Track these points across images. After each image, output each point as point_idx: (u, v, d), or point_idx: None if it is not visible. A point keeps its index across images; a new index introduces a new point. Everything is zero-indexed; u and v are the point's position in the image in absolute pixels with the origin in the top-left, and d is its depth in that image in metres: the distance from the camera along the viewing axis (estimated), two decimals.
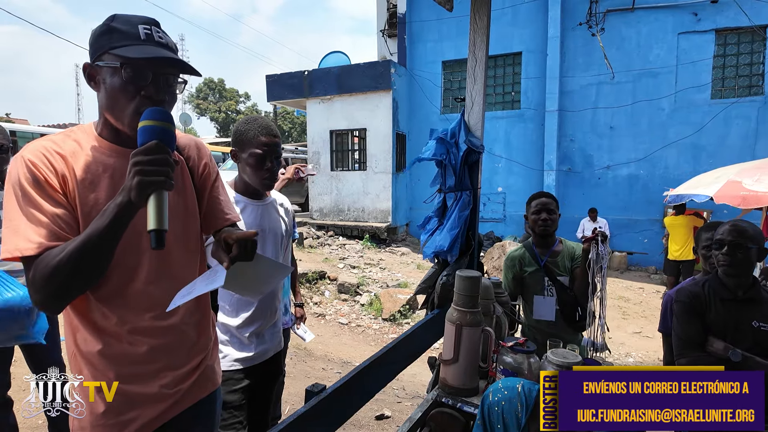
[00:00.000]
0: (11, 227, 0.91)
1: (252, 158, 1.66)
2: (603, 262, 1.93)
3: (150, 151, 0.85)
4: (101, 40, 0.97)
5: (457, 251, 2.23)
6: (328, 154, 10.85)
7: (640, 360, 4.92)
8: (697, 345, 1.75)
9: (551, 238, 2.31)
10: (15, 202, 0.92)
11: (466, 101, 2.29)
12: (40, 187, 0.92)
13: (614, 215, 9.25)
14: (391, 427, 3.19)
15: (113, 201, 0.88)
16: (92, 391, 1.05)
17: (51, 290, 0.89)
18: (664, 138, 9.12)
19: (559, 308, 2.24)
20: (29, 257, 0.89)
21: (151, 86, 0.97)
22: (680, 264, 6.82)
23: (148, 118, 0.89)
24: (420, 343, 1.95)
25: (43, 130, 12.93)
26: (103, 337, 1.02)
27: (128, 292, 1.03)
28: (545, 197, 2.32)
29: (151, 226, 0.86)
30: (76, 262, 0.87)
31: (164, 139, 0.89)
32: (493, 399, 1.28)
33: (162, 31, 1.01)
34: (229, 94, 40.86)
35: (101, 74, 0.97)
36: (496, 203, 10.59)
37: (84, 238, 0.88)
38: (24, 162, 0.93)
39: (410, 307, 5.90)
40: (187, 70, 1.02)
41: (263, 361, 1.75)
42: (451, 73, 10.97)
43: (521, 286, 2.37)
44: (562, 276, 2.26)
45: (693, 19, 8.77)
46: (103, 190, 0.99)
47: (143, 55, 0.93)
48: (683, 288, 1.88)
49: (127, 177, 0.86)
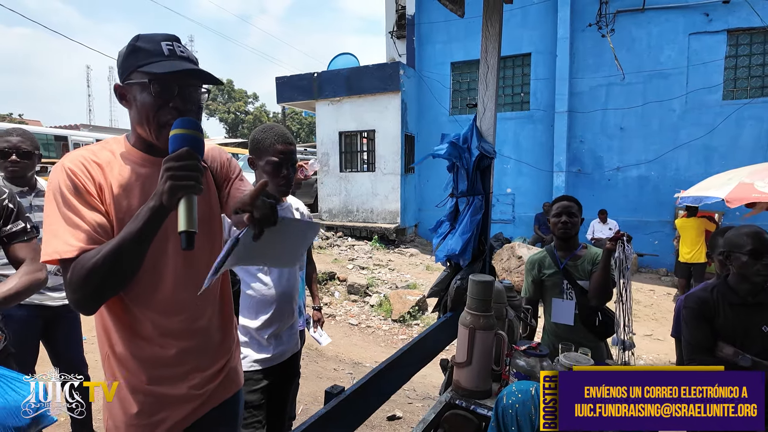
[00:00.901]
0: (51, 231, 0.96)
1: (269, 165, 1.71)
2: (627, 263, 1.90)
3: (181, 158, 0.90)
4: (129, 61, 1.02)
5: (469, 255, 2.26)
6: (337, 155, 10.90)
7: (651, 363, 4.91)
8: (706, 350, 1.76)
9: (572, 241, 2.30)
10: (55, 207, 0.97)
11: (478, 107, 2.32)
12: (78, 193, 0.98)
13: (624, 217, 9.19)
14: (403, 427, 3.22)
15: (146, 205, 0.93)
16: (92, 391, 1.12)
17: (87, 291, 0.94)
18: (675, 139, 9.05)
19: (578, 312, 2.23)
20: (67, 259, 0.94)
21: (178, 98, 1.02)
22: (691, 266, 6.78)
23: (179, 127, 0.95)
24: (433, 346, 1.98)
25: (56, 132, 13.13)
26: (134, 340, 1.07)
27: (157, 296, 1.08)
28: (567, 200, 2.31)
29: (181, 227, 0.90)
30: (110, 264, 0.92)
31: (194, 146, 0.94)
32: (507, 402, 1.31)
33: (182, 45, 1.07)
34: (237, 95, 41.13)
35: (131, 92, 1.03)
36: (505, 204, 10.57)
37: (118, 240, 0.92)
38: (64, 170, 0.99)
39: (420, 309, 5.92)
40: (209, 80, 1.07)
41: (281, 362, 1.80)
42: (460, 74, 10.97)
43: (541, 290, 2.38)
44: (582, 280, 2.25)
45: (704, 20, 8.69)
46: (136, 197, 1.04)
47: (168, 70, 0.99)
48: (692, 293, 1.89)
49: (159, 182, 0.90)
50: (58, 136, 12.67)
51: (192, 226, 0.90)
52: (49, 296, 2.30)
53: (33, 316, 2.25)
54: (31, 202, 2.25)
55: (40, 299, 2.27)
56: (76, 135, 13.77)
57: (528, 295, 2.43)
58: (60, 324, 2.39)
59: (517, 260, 7.03)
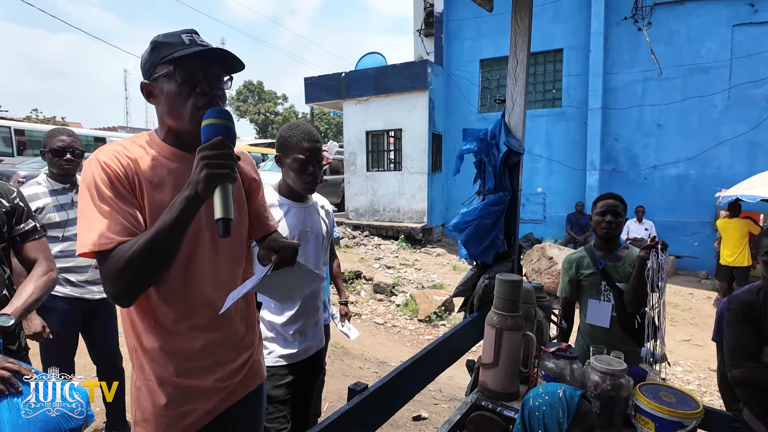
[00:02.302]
0: (86, 224, 0.98)
1: (295, 163, 1.73)
2: (662, 273, 1.81)
3: (215, 146, 0.90)
4: (151, 58, 1.04)
5: (481, 247, 2.19)
6: (364, 154, 10.94)
7: (689, 369, 4.70)
8: (750, 355, 1.66)
9: (614, 241, 2.21)
10: (90, 200, 0.99)
11: (507, 102, 2.26)
12: (113, 186, 0.99)
13: (661, 217, 8.85)
14: (428, 428, 3.20)
15: (180, 195, 0.93)
16: (92, 391, 1.18)
17: (124, 283, 0.95)
18: (716, 136, 8.64)
19: (617, 315, 2.15)
20: (104, 252, 0.95)
21: (204, 82, 1.03)
22: (733, 270, 6.45)
23: (211, 116, 0.95)
24: (459, 346, 1.95)
25: (96, 133, 13.73)
26: (162, 333, 1.09)
27: (184, 290, 1.10)
28: (613, 199, 2.21)
29: (218, 215, 0.90)
30: (147, 255, 0.92)
31: (227, 135, 0.94)
32: (533, 404, 1.27)
33: (201, 37, 1.07)
34: (267, 96, 41.87)
35: (158, 86, 1.05)
36: (536, 204, 10.35)
37: (154, 231, 0.93)
38: (99, 164, 1.01)
39: (446, 309, 5.87)
40: (231, 60, 1.07)
41: (306, 358, 1.81)
42: (489, 71, 10.81)
43: (578, 290, 2.31)
44: (622, 282, 2.15)
45: (749, 11, 8.26)
46: (168, 191, 1.05)
47: (191, 51, 0.99)
48: (735, 295, 1.79)
49: (194, 171, 0.91)
50: (97, 137, 13.27)
51: (228, 214, 0.91)
52: (89, 290, 2.39)
53: (74, 308, 2.35)
54: (72, 198, 2.35)
55: (81, 292, 2.36)
56: (114, 136, 14.39)
57: (564, 294, 2.36)
58: (98, 317, 2.49)
59: (547, 261, 6.86)
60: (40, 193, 2.25)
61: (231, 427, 1.24)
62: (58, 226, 2.27)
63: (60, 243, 2.28)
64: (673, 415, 1.29)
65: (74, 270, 2.33)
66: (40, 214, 2.20)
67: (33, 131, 11.85)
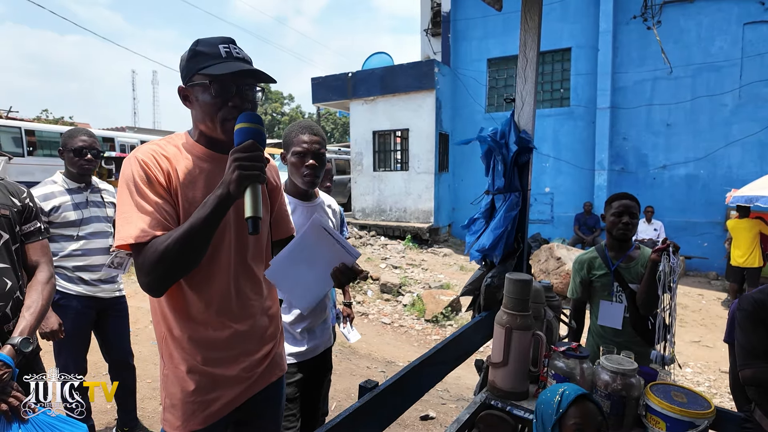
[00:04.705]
0: (124, 218, 1.03)
1: (294, 156, 1.75)
2: (674, 276, 1.79)
3: (247, 149, 0.97)
4: (190, 64, 1.10)
5: (500, 251, 2.19)
6: (370, 154, 10.94)
7: (699, 371, 4.66)
8: (762, 355, 1.65)
9: (627, 242, 2.19)
10: (128, 195, 1.05)
11: (516, 101, 2.26)
12: (150, 183, 1.06)
13: (671, 217, 8.77)
14: (436, 428, 3.20)
15: (213, 193, 0.99)
16: (92, 391, 1.24)
17: (158, 274, 1.01)
18: (727, 135, 8.54)
19: (629, 316, 2.13)
20: (139, 244, 1.01)
21: (237, 97, 1.09)
22: (744, 271, 6.38)
23: (244, 120, 1.01)
24: (468, 345, 1.94)
25: (104, 134, 13.86)
26: (190, 323, 1.14)
27: (214, 282, 1.15)
28: (629, 199, 2.17)
29: (248, 213, 0.96)
30: (180, 248, 0.98)
31: (258, 138, 1.00)
32: (539, 399, 1.28)
33: (238, 47, 1.13)
34: (274, 96, 42.04)
35: (194, 93, 1.11)
36: (543, 204, 10.30)
37: (187, 226, 0.99)
38: (137, 161, 1.07)
39: (453, 309, 5.86)
40: (263, 78, 1.13)
41: (314, 356, 1.82)
42: (497, 70, 10.77)
43: (589, 291, 2.29)
44: (634, 283, 2.13)
45: (761, 9, 8.15)
46: (200, 189, 1.12)
47: (227, 71, 1.05)
48: (748, 295, 1.77)
49: (227, 172, 0.97)
50: (105, 137, 13.40)
51: (258, 213, 0.97)
52: (101, 288, 2.42)
53: (86, 307, 2.38)
54: (87, 197, 2.38)
55: (94, 291, 2.39)
56: (122, 136, 14.53)
57: (575, 296, 2.34)
58: (111, 315, 2.51)
59: (555, 261, 6.82)
60: (56, 191, 2.28)
61: (254, 418, 1.30)
62: (74, 225, 2.30)
63: (75, 242, 2.31)
64: (685, 415, 1.29)
65: (88, 269, 2.36)
66: (56, 213, 2.23)
67: (43, 132, 11.97)
